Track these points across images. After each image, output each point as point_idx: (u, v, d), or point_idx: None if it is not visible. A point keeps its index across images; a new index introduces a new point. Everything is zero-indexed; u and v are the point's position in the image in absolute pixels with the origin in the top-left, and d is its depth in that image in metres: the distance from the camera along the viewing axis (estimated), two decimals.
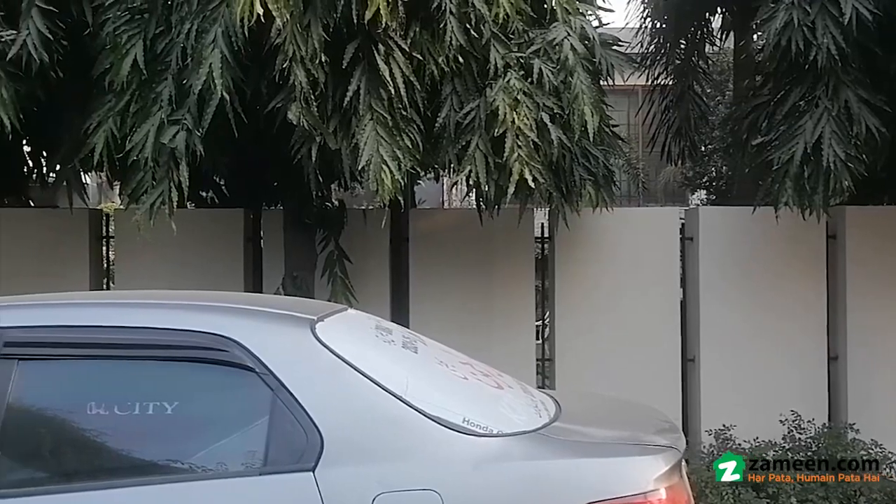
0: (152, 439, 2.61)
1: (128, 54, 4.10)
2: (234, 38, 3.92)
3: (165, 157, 4.13)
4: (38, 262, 5.95)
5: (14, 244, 6.03)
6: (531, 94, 4.55)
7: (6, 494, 2.48)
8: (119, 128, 4.20)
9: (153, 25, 4.15)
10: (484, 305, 6.05)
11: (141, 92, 4.18)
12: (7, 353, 2.61)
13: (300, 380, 2.52)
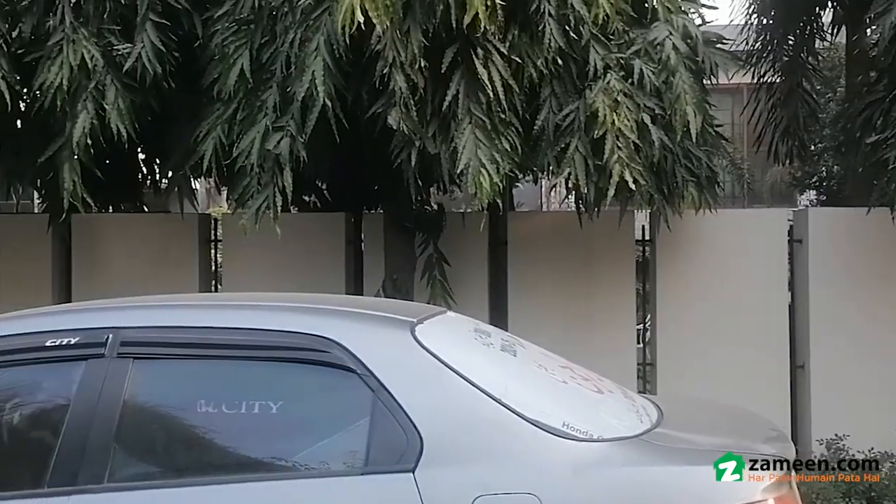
0: (258, 437, 2.67)
1: (235, 64, 4.24)
2: (336, 45, 4.00)
3: (270, 163, 4.25)
4: (150, 264, 6.20)
5: (128, 247, 6.30)
6: (631, 95, 4.48)
7: (122, 488, 2.59)
8: (227, 135, 4.34)
9: (259, 35, 4.28)
10: (583, 309, 5.98)
11: (247, 100, 4.31)
12: (123, 353, 2.71)
13: (400, 381, 2.55)
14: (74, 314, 3.09)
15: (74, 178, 4.37)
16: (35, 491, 2.62)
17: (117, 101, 4.29)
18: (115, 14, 4.31)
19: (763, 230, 6.01)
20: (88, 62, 4.18)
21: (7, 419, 2.93)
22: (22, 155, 5.51)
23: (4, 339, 2.84)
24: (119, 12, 4.32)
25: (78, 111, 4.24)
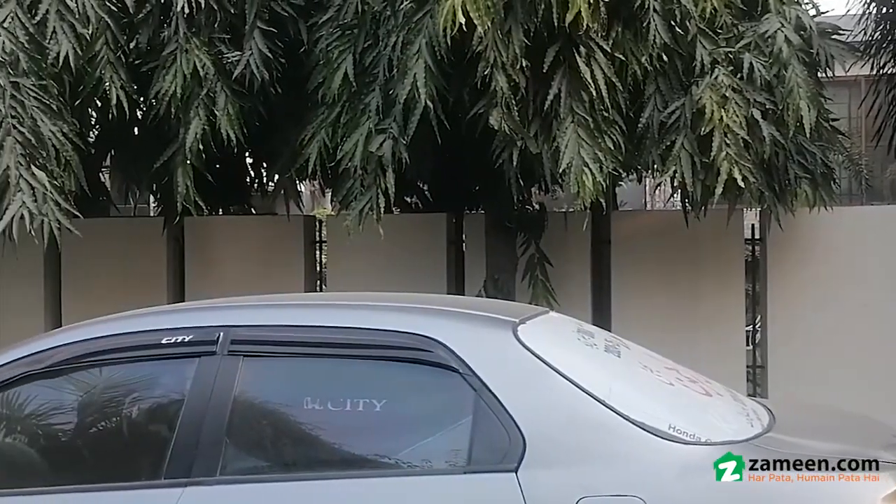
0: (362, 435, 2.72)
1: (339, 68, 4.33)
2: (437, 47, 4.03)
3: (373, 165, 4.31)
4: (258, 264, 6.39)
5: (237, 248, 6.51)
6: (741, 91, 4.35)
7: (233, 481, 2.67)
8: (331, 138, 4.42)
9: (362, 40, 4.35)
10: (690, 310, 5.84)
11: (350, 103, 4.39)
12: (233, 350, 2.79)
13: (503, 381, 2.54)
14: (188, 313, 3.21)
15: (187, 182, 4.54)
16: (153, 482, 2.73)
17: (227, 107, 4.44)
18: (225, 23, 4.46)
19: (883, 228, 5.73)
20: (200, 70, 4.34)
21: (126, 413, 3.07)
22: (139, 161, 5.78)
23: (123, 336, 2.98)
24: (229, 21, 4.48)
25: (190, 118, 4.40)
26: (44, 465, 3.07)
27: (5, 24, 4.05)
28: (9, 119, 4.03)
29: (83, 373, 3.03)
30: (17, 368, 2.92)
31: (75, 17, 4.17)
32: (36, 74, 4.16)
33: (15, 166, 4.04)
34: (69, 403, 3.09)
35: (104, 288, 6.34)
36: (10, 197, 4.05)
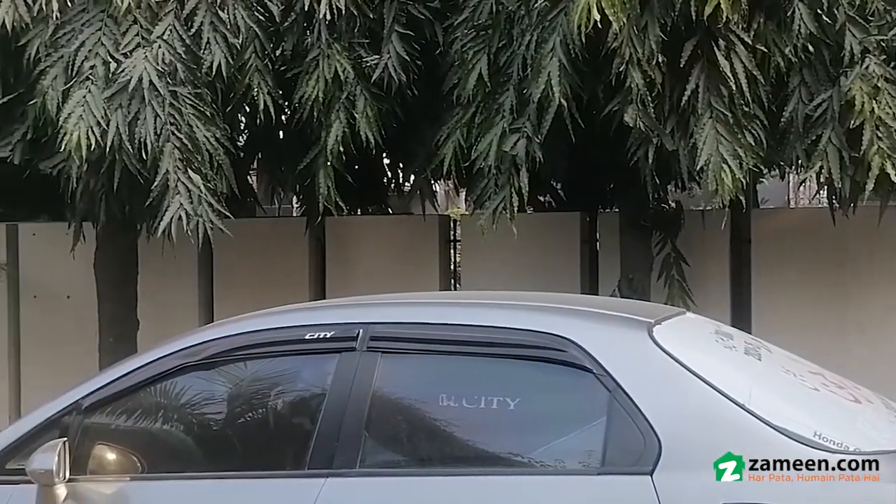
0: (496, 433, 2.75)
1: (473, 69, 4.38)
2: (572, 45, 4.02)
3: (507, 164, 4.34)
4: (394, 263, 6.54)
5: (375, 247, 6.69)
6: (894, 81, 4.12)
7: (372, 473, 2.76)
8: (465, 138, 4.48)
9: (496, 40, 4.39)
10: (837, 312, 5.57)
11: (485, 103, 4.43)
12: (372, 347, 2.88)
13: (638, 382, 2.51)
14: (329, 310, 3.34)
15: (329, 184, 4.70)
16: (297, 472, 2.85)
17: (366, 109, 4.58)
18: (365, 28, 4.60)
19: None
20: (341, 75, 4.49)
21: (271, 405, 3.22)
22: (284, 163, 6.03)
23: (269, 331, 3.12)
24: (368, 26, 4.61)
25: (331, 121, 4.56)
26: (196, 452, 3.25)
27: (164, 36, 4.32)
28: (168, 126, 4.29)
29: (233, 366, 3.20)
30: (173, 360, 3.11)
31: (227, 27, 4.40)
32: (191, 83, 4.42)
33: (173, 170, 4.31)
34: (220, 394, 3.27)
35: (251, 285, 6.66)
36: (169, 199, 4.32)
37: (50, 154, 4.70)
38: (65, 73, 4.36)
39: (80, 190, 4.79)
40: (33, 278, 7.36)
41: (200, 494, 2.93)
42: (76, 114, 4.22)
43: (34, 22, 4.35)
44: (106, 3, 4.35)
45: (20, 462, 3.06)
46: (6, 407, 7.23)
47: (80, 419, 3.08)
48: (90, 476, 2.98)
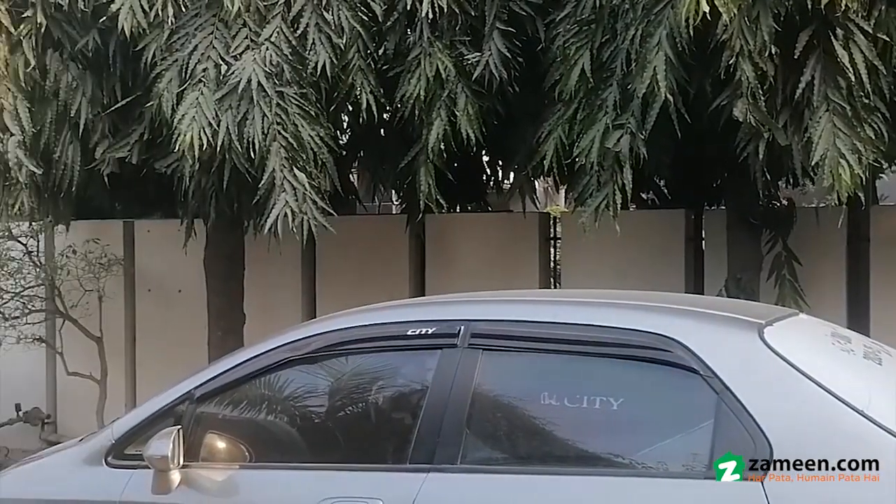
0: (598, 433, 2.72)
1: (576, 65, 4.33)
2: (679, 38, 3.92)
3: (610, 161, 4.28)
4: (493, 261, 6.54)
5: (474, 245, 6.70)
6: None
7: (473, 470, 2.76)
8: (567, 135, 4.43)
9: (599, 35, 4.32)
10: None
11: (587, 99, 4.37)
12: (473, 344, 2.89)
13: (748, 385, 2.44)
14: (432, 307, 3.36)
15: (429, 181, 4.73)
16: (398, 466, 2.88)
17: (467, 107, 4.58)
18: (466, 26, 4.60)
19: None
20: (442, 73, 4.51)
21: (373, 399, 3.26)
22: (385, 161, 6.11)
23: (372, 327, 3.17)
24: (469, 24, 4.61)
25: (433, 119, 4.59)
26: (300, 443, 3.33)
27: (272, 38, 4.43)
28: (274, 125, 4.41)
29: (337, 360, 3.26)
30: (280, 354, 3.19)
31: (331, 28, 4.48)
32: (297, 83, 4.52)
33: (279, 169, 4.42)
34: (323, 388, 3.34)
35: (352, 281, 6.77)
36: (275, 197, 4.43)
37: (164, 154, 4.89)
38: (179, 76, 4.52)
39: (192, 188, 4.97)
40: (147, 273, 7.68)
41: (305, 484, 3.00)
42: (189, 115, 4.37)
43: (151, 28, 4.53)
44: (217, 8, 4.49)
45: (138, 448, 3.20)
46: (122, 394, 7.57)
47: (193, 408, 3.20)
48: (202, 463, 3.09)
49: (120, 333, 7.63)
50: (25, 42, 4.78)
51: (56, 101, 4.99)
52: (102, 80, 5.08)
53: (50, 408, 7.95)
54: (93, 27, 4.83)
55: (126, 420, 3.40)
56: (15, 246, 7.19)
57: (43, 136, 5.00)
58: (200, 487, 3.05)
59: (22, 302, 7.15)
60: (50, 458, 3.70)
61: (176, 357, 7.16)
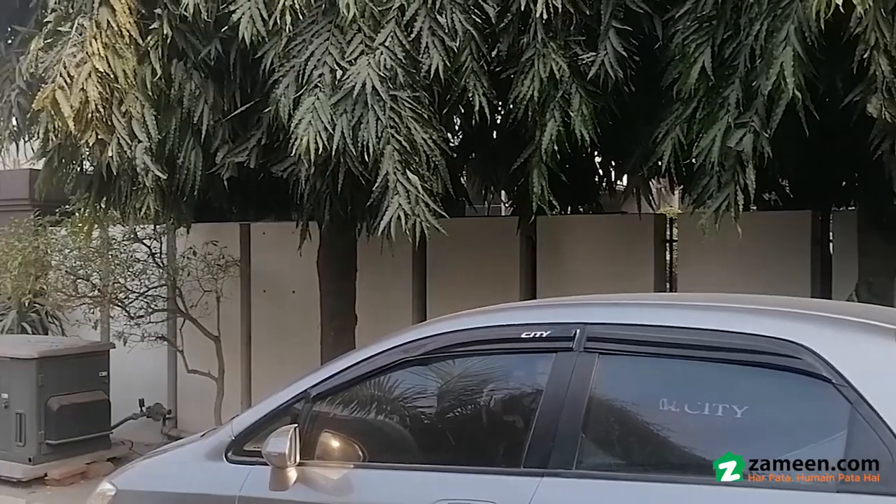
0: (720, 441, 2.61)
1: (696, 62, 4.19)
2: (808, 33, 3.75)
3: (731, 161, 4.12)
4: (606, 263, 6.43)
5: (586, 247, 6.60)
6: None
7: (588, 475, 2.71)
8: (685, 134, 4.30)
9: (721, 31, 4.17)
10: None
11: (707, 98, 4.23)
12: (589, 347, 2.84)
13: (884, 395, 2.31)
14: (546, 309, 3.32)
15: (542, 183, 4.68)
16: (512, 469, 2.85)
17: (581, 108, 4.50)
18: (581, 26, 4.52)
19: None
20: (556, 73, 4.45)
21: (487, 401, 3.25)
22: (496, 163, 6.09)
23: (488, 329, 3.16)
24: (584, 23, 4.53)
25: (546, 120, 4.53)
26: (413, 444, 3.35)
27: (386, 42, 4.47)
28: (388, 129, 4.45)
29: (451, 361, 3.26)
30: (394, 355, 3.22)
31: (445, 31, 4.49)
32: (410, 87, 4.55)
33: (393, 171, 4.46)
34: (436, 389, 3.35)
35: (463, 282, 6.79)
36: (389, 199, 4.47)
37: (281, 158, 5.01)
38: (296, 81, 4.62)
39: (307, 191, 5.07)
40: (263, 274, 7.91)
41: (417, 485, 3.01)
42: (305, 120, 4.46)
43: (269, 35, 4.64)
44: (333, 14, 4.56)
45: (256, 444, 3.28)
46: (238, 392, 7.82)
47: (309, 407, 3.26)
48: (317, 461, 3.14)
49: (236, 333, 7.88)
50: (152, 53, 4.97)
51: (180, 109, 5.17)
52: (223, 88, 5.24)
53: (171, 403, 8.29)
54: (215, 37, 4.98)
55: (245, 417, 3.49)
56: (140, 248, 7.53)
57: (167, 142, 5.19)
58: (316, 485, 3.11)
59: (146, 301, 7.48)
60: (174, 452, 3.84)
61: (289, 356, 7.36)
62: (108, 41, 4.80)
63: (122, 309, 7.34)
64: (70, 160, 5.79)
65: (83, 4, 4.90)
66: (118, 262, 7.30)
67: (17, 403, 6.82)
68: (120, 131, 4.96)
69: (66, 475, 6.80)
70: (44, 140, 5.38)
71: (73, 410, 6.94)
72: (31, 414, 6.78)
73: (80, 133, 4.86)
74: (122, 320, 7.38)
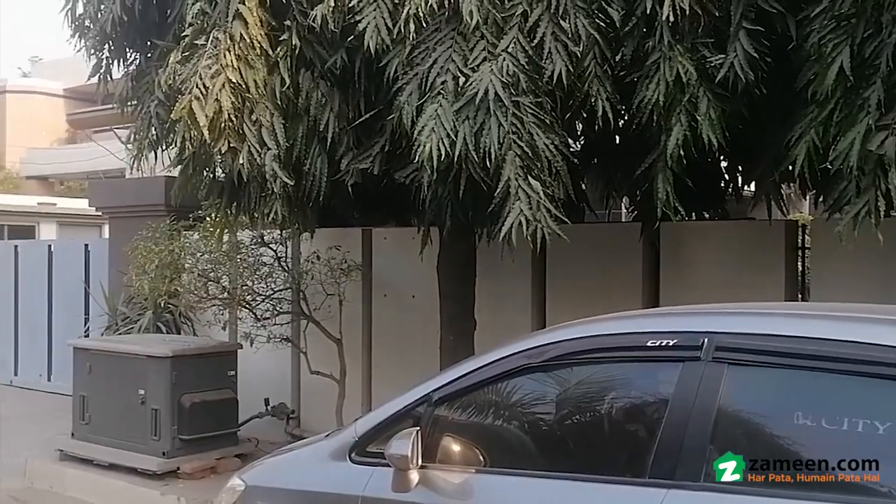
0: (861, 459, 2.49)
1: (833, 62, 4.01)
2: None
3: (871, 165, 3.92)
4: (733, 271, 6.22)
5: (712, 254, 6.41)
6: None
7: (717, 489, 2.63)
8: (821, 138, 4.12)
9: (860, 29, 3.97)
10: None
11: (845, 99, 4.04)
12: (718, 357, 2.76)
13: None
14: (672, 317, 3.24)
15: (667, 188, 4.58)
16: (636, 480, 2.80)
17: (709, 111, 4.38)
18: (709, 27, 4.40)
19: None
20: (683, 76, 4.34)
21: (610, 409, 3.20)
22: (619, 168, 6.00)
23: (612, 336, 3.12)
24: (712, 25, 4.40)
25: (672, 124, 4.43)
26: (534, 451, 3.33)
27: (508, 49, 4.48)
28: (510, 135, 4.45)
29: (574, 368, 3.24)
30: (516, 361, 3.22)
31: (568, 36, 4.45)
32: (532, 92, 4.54)
33: (514, 177, 4.45)
34: (558, 396, 3.33)
35: (583, 289, 6.71)
36: (510, 205, 4.47)
37: (403, 164, 5.08)
38: (419, 89, 4.68)
39: (429, 197, 5.13)
40: (383, 278, 8.05)
41: (538, 493, 2.99)
42: (428, 126, 4.51)
43: (394, 44, 4.72)
44: (456, 22, 4.60)
45: (378, 446, 3.34)
46: (359, 394, 7.97)
47: (431, 411, 3.30)
48: (439, 464, 3.17)
49: (357, 335, 8.04)
50: (282, 63, 5.14)
51: (307, 117, 5.33)
52: (348, 96, 5.37)
53: (294, 403, 8.54)
54: (341, 46, 5.11)
55: (368, 419, 3.56)
56: (267, 252, 7.79)
57: (295, 149, 5.35)
58: (437, 488, 3.13)
59: (272, 304, 7.72)
60: (300, 451, 3.96)
61: (409, 360, 7.45)
62: (240, 53, 5.00)
63: (249, 311, 7.60)
64: (203, 167, 6.05)
65: (218, 18, 5.11)
66: (246, 265, 7.57)
67: (152, 399, 7.16)
68: (250, 139, 5.14)
69: (196, 469, 7.09)
70: (180, 148, 5.64)
71: (203, 407, 7.24)
72: (165, 410, 7.11)
73: (214, 141, 5.07)
74: (249, 321, 7.64)
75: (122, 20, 5.93)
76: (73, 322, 11.10)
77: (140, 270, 7.67)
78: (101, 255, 10.89)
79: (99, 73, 6.47)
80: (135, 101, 6.40)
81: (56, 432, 8.49)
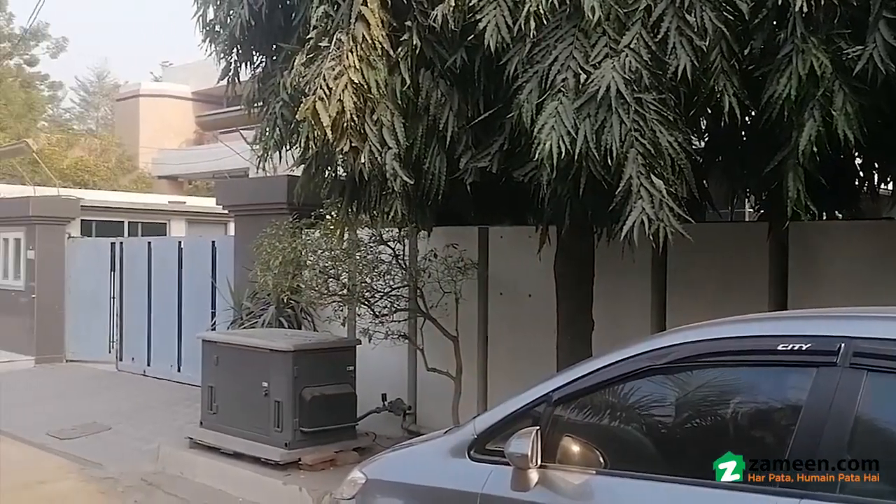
0: None
1: None
2: None
3: None
4: (870, 273, 5.91)
5: (843, 256, 6.11)
6: None
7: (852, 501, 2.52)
8: None
9: None
10: None
11: None
12: (856, 363, 2.64)
13: None
14: (805, 321, 3.12)
15: (799, 187, 4.39)
16: (766, 488, 2.71)
17: (844, 106, 4.17)
18: (846, 18, 4.19)
19: None
20: (817, 70, 4.15)
21: (737, 414, 3.11)
22: (745, 166, 5.79)
23: (740, 339, 3.02)
24: (849, 15, 4.20)
25: (804, 120, 4.24)
26: (656, 454, 3.27)
27: (631, 45, 4.39)
28: (632, 132, 4.36)
29: (699, 371, 3.15)
30: (639, 362, 3.16)
31: (693, 31, 4.33)
32: (656, 89, 4.43)
33: (636, 175, 4.37)
34: (682, 399, 3.26)
35: (705, 290, 6.53)
36: (632, 204, 4.38)
37: (522, 163, 5.06)
38: (539, 86, 4.65)
39: (548, 196, 5.08)
40: (499, 277, 8.05)
41: (661, 498, 2.93)
42: (549, 124, 4.47)
43: (513, 42, 4.70)
44: (578, 18, 4.55)
45: (497, 444, 3.34)
46: (475, 392, 7.99)
47: (550, 411, 3.28)
48: (558, 465, 3.14)
49: (473, 333, 8.07)
50: (402, 63, 5.20)
51: (426, 116, 5.37)
52: (467, 95, 5.38)
53: (410, 399, 8.64)
54: (460, 45, 5.13)
55: (487, 417, 3.57)
56: (385, 250, 7.91)
57: (414, 148, 5.41)
58: (557, 488, 3.11)
59: (390, 301, 7.84)
60: (419, 446, 4.00)
61: (524, 359, 7.43)
62: (362, 54, 5.09)
63: (367, 307, 7.74)
64: (326, 166, 6.20)
65: (340, 20, 5.22)
66: (365, 262, 7.72)
67: (275, 392, 7.40)
68: (371, 139, 5.23)
69: (317, 461, 7.28)
70: (304, 148, 5.79)
71: (323, 401, 7.43)
72: (287, 402, 7.33)
73: (336, 141, 5.18)
74: (367, 318, 7.79)
75: (250, 24, 6.13)
76: (201, 315, 11.61)
77: (264, 266, 7.92)
78: (226, 251, 11.33)
79: (227, 76, 6.71)
80: (260, 102, 6.61)
81: (185, 420, 8.91)
